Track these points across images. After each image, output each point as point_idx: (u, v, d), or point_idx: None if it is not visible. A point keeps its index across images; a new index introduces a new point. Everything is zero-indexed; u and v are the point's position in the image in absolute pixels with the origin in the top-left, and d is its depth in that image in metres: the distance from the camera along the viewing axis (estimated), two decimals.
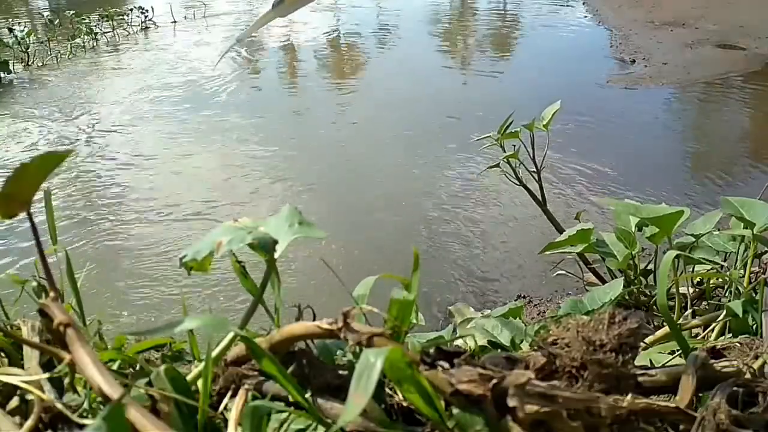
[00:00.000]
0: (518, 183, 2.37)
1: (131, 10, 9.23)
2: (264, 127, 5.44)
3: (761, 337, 0.95)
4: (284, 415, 0.60)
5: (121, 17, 9.19)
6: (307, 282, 3.16)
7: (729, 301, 1.14)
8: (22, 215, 0.63)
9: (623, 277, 1.38)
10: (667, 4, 9.24)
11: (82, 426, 0.60)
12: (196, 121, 5.62)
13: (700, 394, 0.62)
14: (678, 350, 0.85)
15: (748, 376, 0.62)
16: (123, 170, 4.67)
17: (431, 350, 0.58)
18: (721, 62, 6.86)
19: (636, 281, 1.52)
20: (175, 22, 9.34)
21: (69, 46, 7.94)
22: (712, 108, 5.82)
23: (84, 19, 8.70)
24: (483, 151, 4.22)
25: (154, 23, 9.20)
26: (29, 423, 0.60)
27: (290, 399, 0.60)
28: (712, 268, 1.42)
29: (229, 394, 0.64)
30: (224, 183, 4.41)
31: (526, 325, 1.19)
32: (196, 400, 0.60)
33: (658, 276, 1.28)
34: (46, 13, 9.60)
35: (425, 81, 6.67)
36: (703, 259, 1.42)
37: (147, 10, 9.15)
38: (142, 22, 9.13)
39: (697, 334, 1.17)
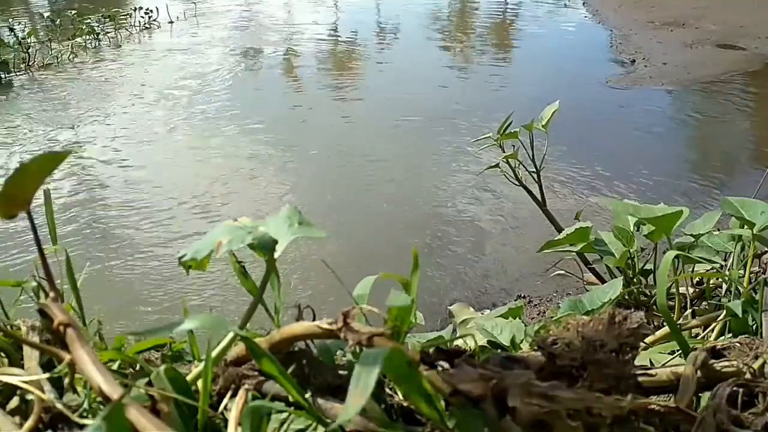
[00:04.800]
0: (518, 183, 2.36)
1: (134, 10, 9.22)
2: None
3: (761, 337, 0.95)
4: (284, 415, 0.60)
5: (123, 17, 9.19)
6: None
7: (729, 301, 1.13)
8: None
9: (622, 277, 1.38)
10: (667, 4, 9.24)
11: (82, 426, 0.60)
12: (199, 124, 5.62)
13: (700, 394, 0.62)
14: (678, 350, 0.85)
15: (748, 376, 0.62)
16: (122, 171, 4.67)
17: (431, 350, 0.58)
18: (721, 62, 6.86)
19: (635, 281, 1.51)
20: (171, 22, 9.36)
21: (70, 46, 7.92)
22: (712, 108, 5.81)
23: (85, 19, 8.69)
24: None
25: (157, 23, 9.21)
26: (29, 423, 0.60)
27: (290, 399, 0.60)
28: (711, 268, 1.42)
29: (229, 394, 0.64)
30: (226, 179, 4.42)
31: (526, 325, 1.19)
32: (196, 400, 0.60)
33: (658, 276, 1.28)
34: (46, 14, 9.59)
35: (424, 80, 6.67)
36: (703, 258, 1.42)
37: (152, 11, 9.15)
38: (145, 23, 9.12)
39: (697, 334, 1.17)
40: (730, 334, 1.05)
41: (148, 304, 3.10)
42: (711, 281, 1.40)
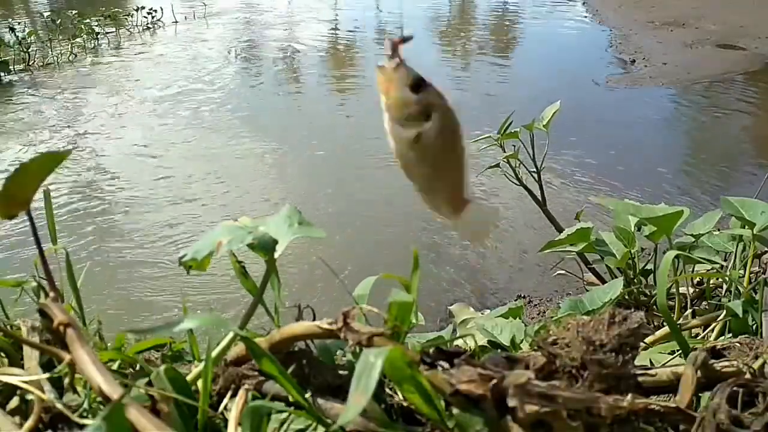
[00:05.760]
0: (518, 183, 2.36)
1: (136, 9, 9.20)
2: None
3: (761, 337, 0.95)
4: (284, 415, 0.60)
5: (125, 17, 9.18)
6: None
7: (729, 301, 1.13)
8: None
9: (623, 277, 1.38)
10: (667, 4, 9.24)
11: (82, 426, 0.60)
12: (199, 123, 5.61)
13: (700, 394, 0.62)
14: (678, 350, 0.85)
15: (748, 376, 0.62)
16: (122, 171, 4.67)
17: (431, 350, 0.58)
18: (721, 62, 6.86)
19: (636, 281, 1.51)
20: (176, 22, 9.35)
21: (70, 46, 7.92)
22: (712, 108, 5.81)
23: (86, 18, 8.68)
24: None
25: (161, 23, 9.20)
26: (29, 423, 0.60)
27: (290, 399, 0.60)
28: (711, 268, 1.42)
29: (229, 394, 0.64)
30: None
31: (526, 325, 1.19)
32: (196, 400, 0.60)
33: (658, 276, 1.28)
34: (46, 13, 9.58)
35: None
36: (703, 258, 1.42)
37: (156, 11, 9.13)
38: (148, 23, 9.10)
39: (697, 334, 1.17)
40: (730, 334, 1.05)
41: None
42: (711, 281, 1.40)
